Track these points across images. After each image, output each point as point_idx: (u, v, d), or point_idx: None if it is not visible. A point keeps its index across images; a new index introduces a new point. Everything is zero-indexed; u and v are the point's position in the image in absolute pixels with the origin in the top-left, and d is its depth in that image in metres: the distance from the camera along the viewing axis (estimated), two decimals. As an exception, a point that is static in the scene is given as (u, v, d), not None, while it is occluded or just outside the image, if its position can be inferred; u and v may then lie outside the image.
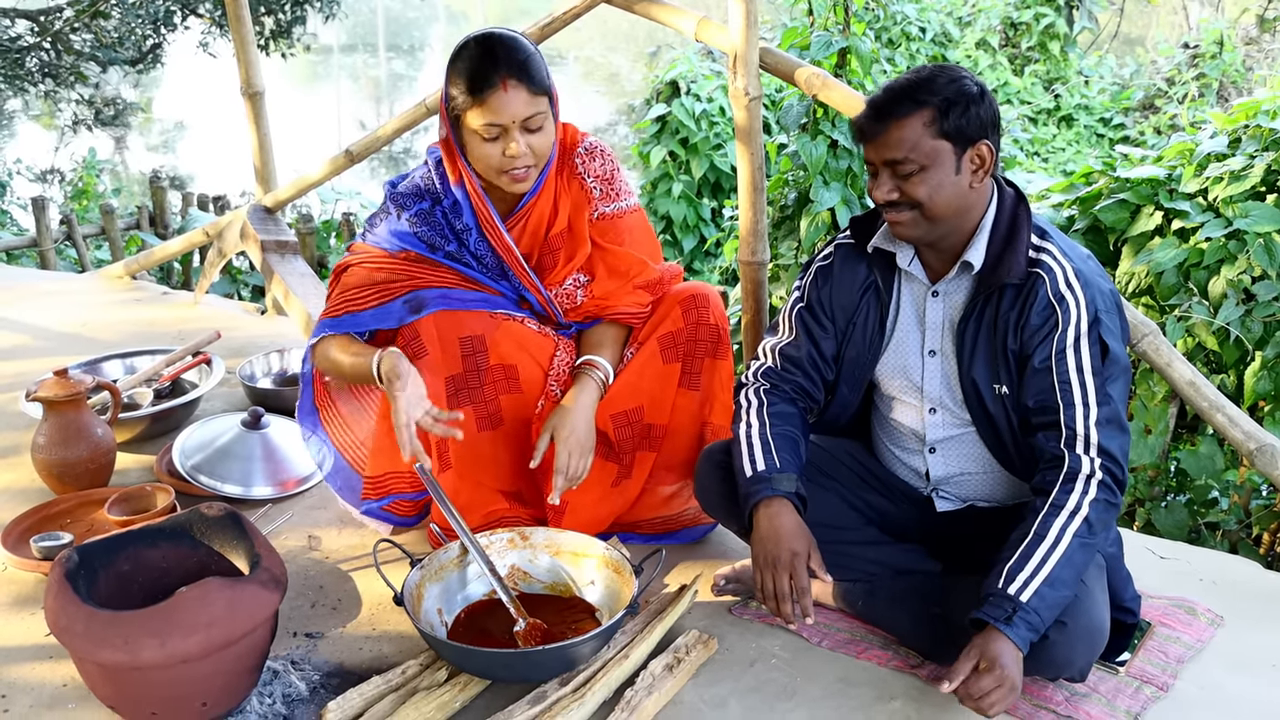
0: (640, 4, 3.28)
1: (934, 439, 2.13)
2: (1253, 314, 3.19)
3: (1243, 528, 3.22)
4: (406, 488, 2.47)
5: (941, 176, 1.91)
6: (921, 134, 1.89)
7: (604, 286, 2.38)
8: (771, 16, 10.95)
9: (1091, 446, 1.89)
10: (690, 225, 8.44)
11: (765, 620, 2.20)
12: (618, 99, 18.11)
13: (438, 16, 31.30)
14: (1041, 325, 1.93)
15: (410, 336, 2.27)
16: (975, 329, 2.00)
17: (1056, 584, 1.81)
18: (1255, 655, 2.13)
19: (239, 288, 7.06)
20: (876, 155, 1.94)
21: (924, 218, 1.94)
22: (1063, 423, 1.91)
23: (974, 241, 1.99)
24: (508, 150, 2.18)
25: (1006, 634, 1.77)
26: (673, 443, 2.41)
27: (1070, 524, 1.85)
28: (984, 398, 2.02)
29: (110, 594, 1.89)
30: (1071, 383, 1.91)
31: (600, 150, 2.39)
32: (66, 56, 8.98)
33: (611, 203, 2.39)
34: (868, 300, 2.13)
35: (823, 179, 3.89)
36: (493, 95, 2.13)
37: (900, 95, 1.90)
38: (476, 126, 2.17)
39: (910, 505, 2.22)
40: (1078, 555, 1.84)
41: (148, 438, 3.07)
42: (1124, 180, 3.61)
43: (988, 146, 1.92)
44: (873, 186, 1.99)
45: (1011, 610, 1.79)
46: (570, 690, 1.92)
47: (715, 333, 2.37)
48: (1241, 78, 11.08)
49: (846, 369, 2.17)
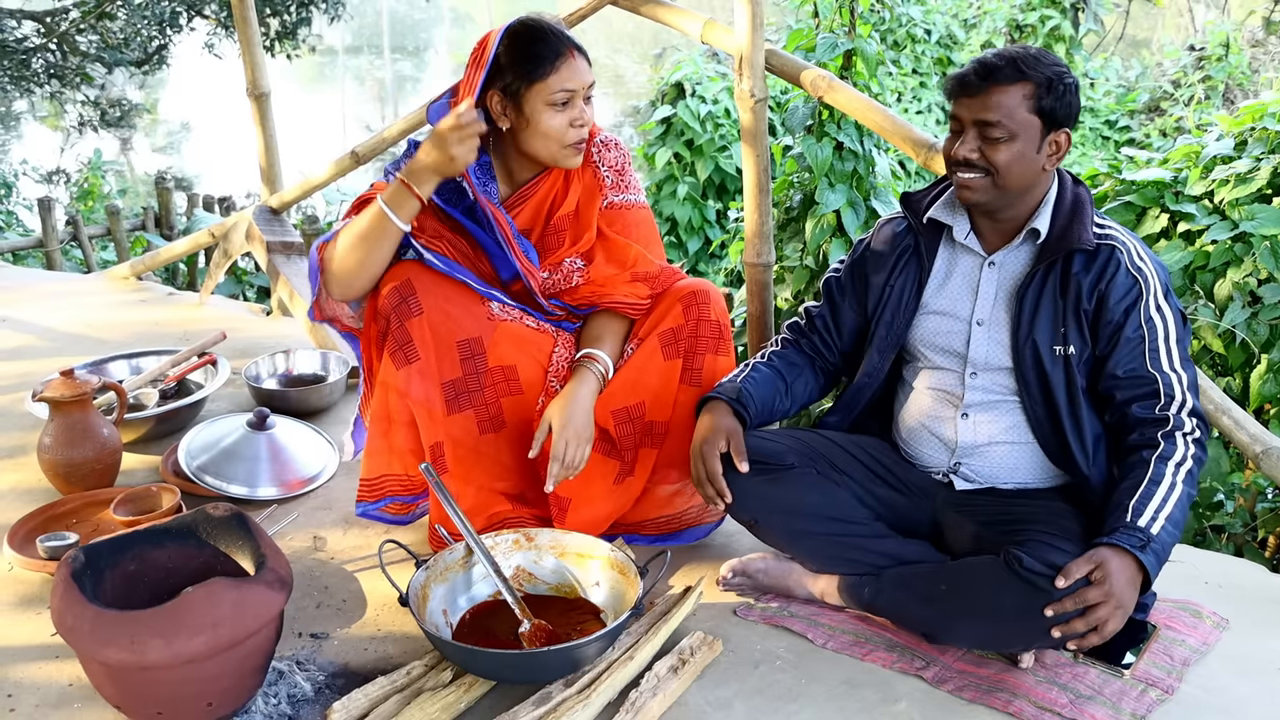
0: (646, 6, 3.29)
1: (970, 402, 2.17)
2: (1259, 317, 3.19)
3: (1248, 531, 3.21)
4: (402, 490, 2.48)
5: (1024, 149, 2.00)
6: (1019, 103, 1.98)
7: (601, 271, 2.38)
8: (777, 19, 10.96)
9: (1186, 408, 2.00)
10: (695, 227, 8.43)
11: (770, 622, 2.21)
12: (623, 101, 18.11)
13: (443, 18, 31.34)
14: (1126, 294, 2.02)
15: (403, 340, 2.27)
16: (1037, 294, 2.08)
17: (1174, 523, 1.89)
18: (1261, 658, 2.12)
19: (244, 289, 7.07)
20: (969, 113, 2.02)
21: (994, 185, 2.03)
22: (1161, 390, 2.00)
23: (1039, 212, 2.09)
24: (575, 118, 2.25)
25: (1141, 558, 1.83)
26: (675, 439, 2.41)
27: (1179, 471, 1.94)
28: (1043, 360, 2.07)
29: (116, 594, 1.90)
30: (1160, 350, 2.01)
31: (616, 143, 2.44)
32: (72, 58, 8.99)
33: (621, 194, 2.42)
34: (906, 269, 2.23)
35: (828, 181, 3.90)
36: (564, 63, 2.22)
37: (1009, 62, 1.98)
38: (549, 96, 2.23)
39: (922, 497, 2.24)
40: (1185, 502, 1.92)
41: (153, 438, 3.07)
42: (1129, 183, 3.61)
43: (1066, 135, 2.03)
44: (952, 143, 2.06)
45: (1146, 540, 1.85)
46: (575, 691, 1.92)
47: (717, 329, 2.37)
48: (1247, 80, 11.07)
49: (880, 334, 2.25)
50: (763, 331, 3.19)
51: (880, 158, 4.02)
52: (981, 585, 1.95)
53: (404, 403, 2.33)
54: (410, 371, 2.28)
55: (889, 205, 3.98)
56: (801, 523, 2.16)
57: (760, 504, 2.16)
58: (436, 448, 2.33)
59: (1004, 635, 1.98)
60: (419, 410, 2.32)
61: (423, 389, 2.30)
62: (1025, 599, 1.87)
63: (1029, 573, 1.86)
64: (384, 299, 2.26)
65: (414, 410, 2.32)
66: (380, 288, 2.28)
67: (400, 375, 2.28)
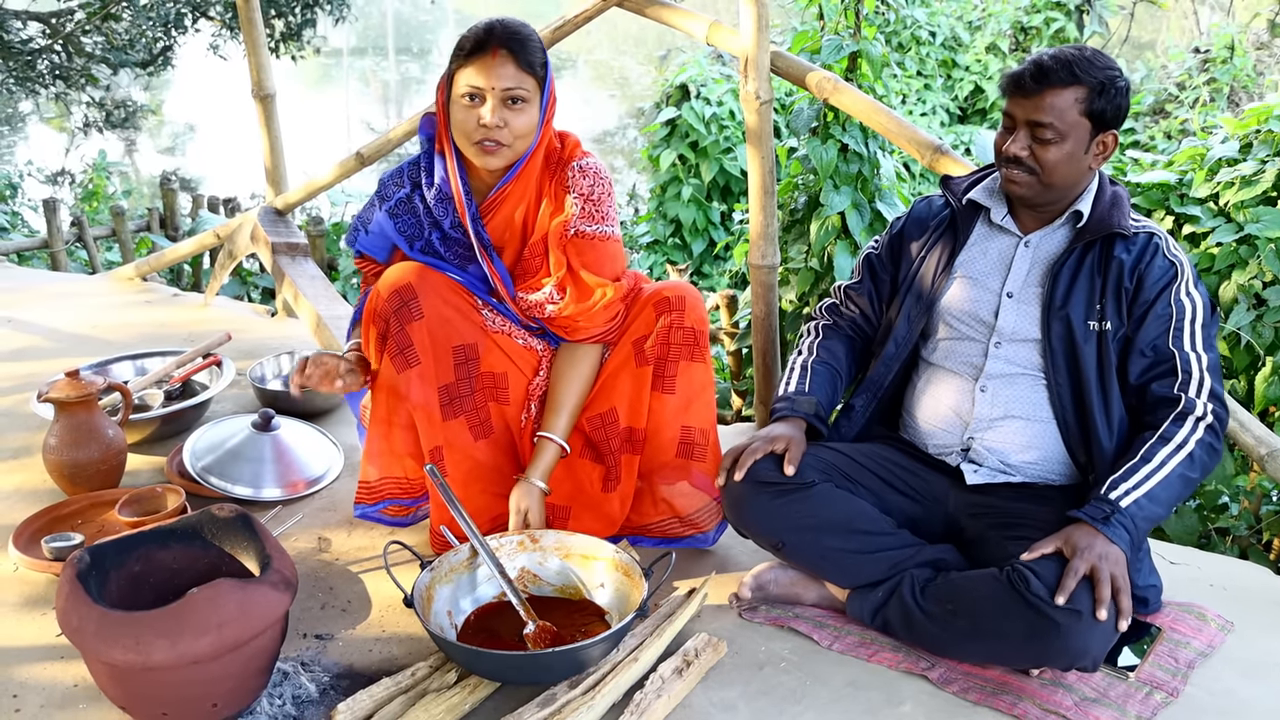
0: (652, 8, 3.29)
1: (991, 374, 2.21)
2: (1264, 319, 3.19)
3: (1253, 533, 3.21)
4: (401, 493, 2.49)
5: (1073, 150, 2.08)
6: (1071, 106, 2.04)
7: (571, 311, 2.34)
8: (782, 20, 10.96)
9: (1204, 390, 2.06)
10: (700, 229, 8.43)
11: (775, 623, 2.21)
12: (627, 102, 18.12)
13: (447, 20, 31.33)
14: (1162, 276, 2.10)
15: (404, 344, 2.27)
16: (1073, 270, 2.15)
17: (1154, 500, 1.98)
18: (1266, 661, 2.12)
19: (249, 290, 7.07)
20: (1022, 113, 2.09)
21: (1040, 182, 2.11)
22: (1179, 367, 2.08)
23: (1081, 198, 2.17)
24: (482, 118, 2.21)
25: (1103, 531, 1.92)
26: (654, 445, 2.40)
27: (1175, 456, 2.01)
28: (1074, 333, 2.13)
29: (121, 595, 1.90)
30: (1185, 331, 2.09)
31: (595, 172, 2.34)
32: (77, 59, 9.00)
33: (593, 224, 2.33)
34: (941, 239, 2.31)
35: (833, 183, 3.89)
36: (481, 58, 2.21)
37: (1065, 65, 2.04)
38: (460, 88, 2.23)
39: (935, 503, 2.24)
40: (1176, 484, 2.00)
41: (158, 439, 3.08)
42: (1135, 185, 3.61)
43: (1114, 136, 2.10)
44: (1004, 139, 2.14)
45: (1110, 511, 1.95)
46: (580, 693, 1.92)
47: (691, 335, 2.34)
48: (1252, 83, 11.04)
49: (909, 302, 2.32)
50: (768, 333, 3.19)
51: (885, 160, 4.01)
52: (987, 608, 1.94)
53: (404, 406, 2.33)
54: (411, 375, 2.28)
55: (894, 207, 3.98)
56: (830, 539, 2.14)
57: (787, 525, 2.15)
58: (436, 452, 2.34)
59: (1012, 657, 1.98)
60: (419, 414, 2.32)
61: (422, 393, 2.30)
62: (1031, 626, 1.87)
63: (1035, 597, 1.87)
64: (384, 302, 2.26)
65: (414, 414, 2.33)
66: (380, 290, 2.28)
67: (401, 379, 2.29)
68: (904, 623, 2.09)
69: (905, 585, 2.09)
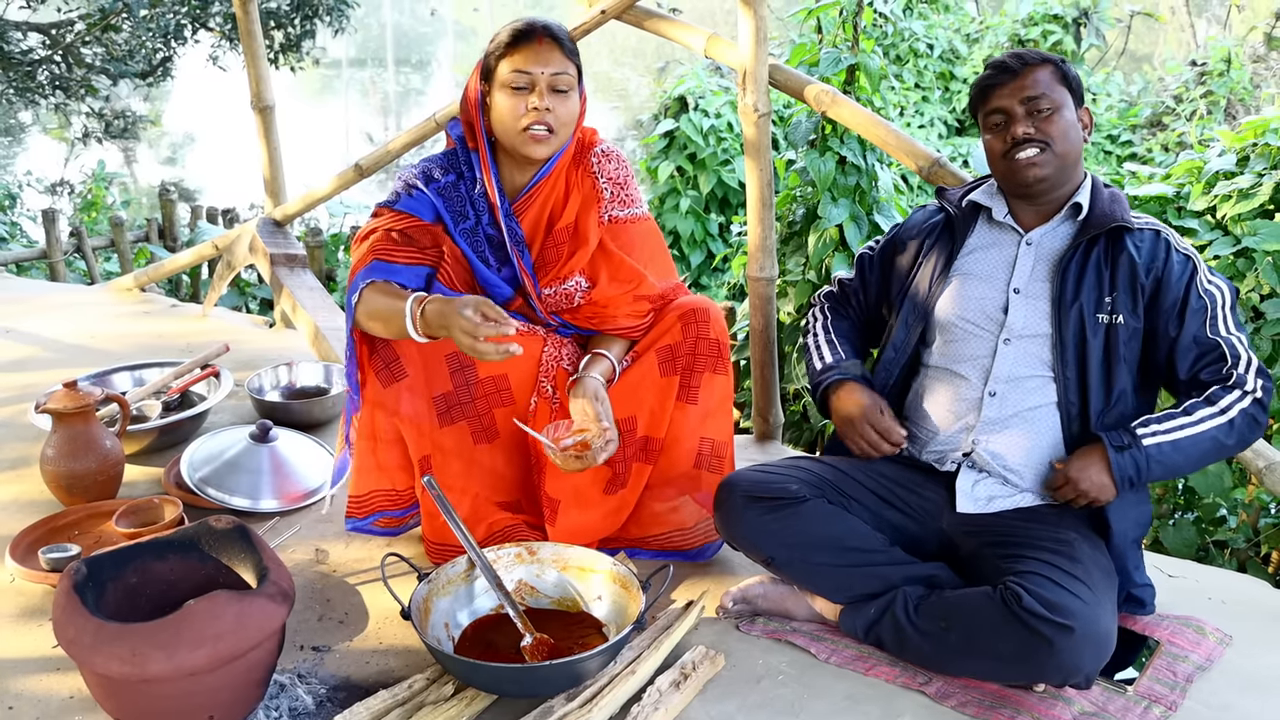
0: (651, 21, 3.30)
1: (1000, 373, 2.21)
2: (1261, 332, 3.19)
3: (1251, 546, 3.21)
4: (390, 505, 2.49)
5: (1070, 118, 2.16)
6: (1052, 80, 2.16)
7: (605, 293, 2.37)
8: (780, 34, 10.98)
9: (1252, 367, 2.12)
10: (698, 240, 8.44)
11: (773, 636, 2.20)
12: (626, 114, 18.15)
13: (446, 32, 31.45)
14: (1182, 272, 2.14)
15: (390, 359, 2.28)
16: (1080, 265, 2.17)
17: (1179, 449, 2.05)
18: (1265, 674, 2.12)
19: (247, 300, 7.08)
20: (1012, 97, 2.16)
21: (1054, 154, 2.15)
22: (1226, 353, 2.11)
23: (1080, 190, 2.22)
24: (531, 103, 2.24)
25: (1110, 455, 2.04)
26: (669, 456, 2.41)
27: (1215, 419, 2.07)
28: (1086, 326, 2.14)
29: (118, 606, 1.90)
30: (1219, 317, 2.13)
31: (616, 155, 2.43)
32: (77, 69, 9.01)
33: (625, 208, 2.41)
34: (937, 244, 2.34)
35: (831, 195, 3.90)
36: (528, 45, 2.24)
37: (1028, 53, 2.19)
38: (506, 75, 2.25)
39: (929, 520, 2.24)
40: (1207, 444, 2.07)
41: (156, 450, 3.07)
42: (1133, 198, 3.61)
43: (1088, 112, 2.21)
44: (1001, 136, 2.19)
45: (1128, 442, 2.05)
46: (577, 705, 1.91)
47: (715, 347, 2.36)
48: (1249, 95, 11.08)
49: (906, 308, 2.34)
50: (766, 346, 3.19)
51: (883, 172, 4.02)
52: (979, 626, 1.94)
53: (391, 421, 2.34)
54: (399, 389, 2.29)
55: (891, 219, 3.98)
56: (820, 555, 2.14)
57: (776, 541, 2.15)
58: (425, 461, 2.34)
59: (1005, 674, 1.98)
60: (407, 426, 2.32)
61: (411, 405, 2.30)
62: (1024, 643, 1.87)
63: (1028, 614, 1.86)
64: None
65: (401, 427, 2.33)
66: None
67: (388, 393, 2.29)
68: (897, 640, 2.08)
69: (898, 602, 2.08)
